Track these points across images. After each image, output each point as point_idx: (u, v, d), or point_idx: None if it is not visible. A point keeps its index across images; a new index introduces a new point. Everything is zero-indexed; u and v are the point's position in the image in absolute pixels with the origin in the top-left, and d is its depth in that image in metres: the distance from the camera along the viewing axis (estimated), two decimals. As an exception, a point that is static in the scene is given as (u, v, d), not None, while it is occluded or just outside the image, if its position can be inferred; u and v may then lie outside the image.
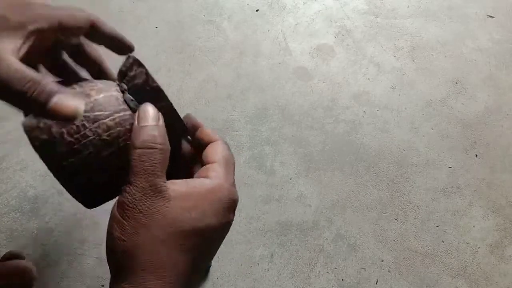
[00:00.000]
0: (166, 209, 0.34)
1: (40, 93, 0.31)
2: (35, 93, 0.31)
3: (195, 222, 0.35)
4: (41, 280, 1.17)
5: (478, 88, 1.60)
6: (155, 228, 0.33)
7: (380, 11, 1.81)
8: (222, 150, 0.41)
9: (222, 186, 0.37)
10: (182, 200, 0.35)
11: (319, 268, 1.22)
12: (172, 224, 0.34)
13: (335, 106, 1.53)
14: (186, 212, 0.35)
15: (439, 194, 1.36)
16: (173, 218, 0.34)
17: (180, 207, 0.34)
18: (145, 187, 0.34)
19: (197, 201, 0.35)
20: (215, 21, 1.74)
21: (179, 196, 0.35)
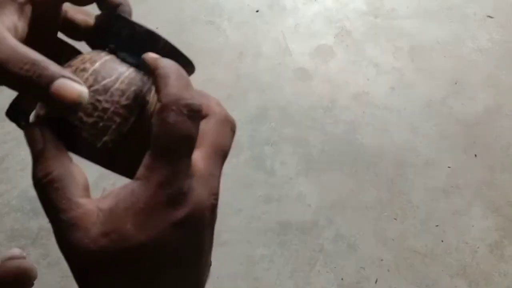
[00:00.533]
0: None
1: (41, 75, 0.27)
2: (35, 75, 0.27)
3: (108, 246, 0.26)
4: (41, 280, 1.17)
5: (478, 88, 1.60)
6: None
7: (379, 12, 1.81)
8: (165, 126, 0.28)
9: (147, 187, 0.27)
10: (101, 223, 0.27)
11: (319, 267, 1.22)
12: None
13: (334, 107, 1.53)
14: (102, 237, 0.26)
15: (438, 194, 1.36)
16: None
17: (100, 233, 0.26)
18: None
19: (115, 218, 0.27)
20: (215, 22, 1.75)
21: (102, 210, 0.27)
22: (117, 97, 0.31)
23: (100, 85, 0.30)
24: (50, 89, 0.27)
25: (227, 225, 1.26)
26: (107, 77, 0.31)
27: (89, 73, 0.31)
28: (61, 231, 0.27)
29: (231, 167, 1.38)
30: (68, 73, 0.28)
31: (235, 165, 1.39)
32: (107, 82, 0.31)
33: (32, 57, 0.27)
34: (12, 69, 0.27)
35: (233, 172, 1.37)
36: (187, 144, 0.27)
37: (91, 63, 0.31)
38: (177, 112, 0.27)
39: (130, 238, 0.26)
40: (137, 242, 0.26)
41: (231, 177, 1.36)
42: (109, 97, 0.30)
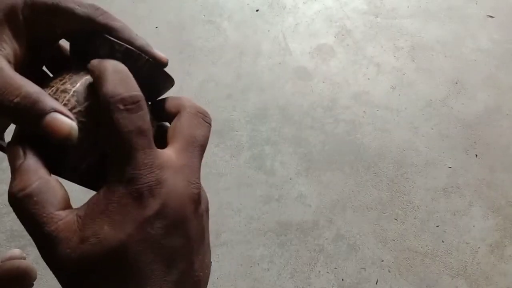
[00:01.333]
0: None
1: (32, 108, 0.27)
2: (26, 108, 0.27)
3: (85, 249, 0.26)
4: (41, 280, 1.17)
5: (478, 88, 1.60)
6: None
7: (380, 11, 1.81)
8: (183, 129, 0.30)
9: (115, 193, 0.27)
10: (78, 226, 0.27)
11: (319, 268, 1.22)
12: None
13: (335, 106, 1.53)
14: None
15: (439, 194, 1.36)
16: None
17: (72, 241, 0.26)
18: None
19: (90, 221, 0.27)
20: (215, 21, 1.74)
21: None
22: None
23: (82, 107, 0.30)
24: (41, 123, 0.27)
25: (227, 225, 1.26)
26: (88, 99, 0.30)
27: (70, 94, 0.30)
28: (44, 245, 0.27)
29: (231, 167, 1.38)
30: (59, 107, 0.27)
31: (235, 165, 1.38)
32: (89, 104, 0.30)
33: (25, 90, 0.27)
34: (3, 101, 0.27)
35: (233, 172, 1.37)
36: (137, 137, 0.27)
37: (71, 83, 0.31)
38: (115, 110, 0.27)
39: (110, 239, 0.26)
40: (117, 242, 0.26)
41: (231, 177, 1.36)
42: (93, 119, 0.30)
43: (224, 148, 1.40)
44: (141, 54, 0.32)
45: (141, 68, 0.32)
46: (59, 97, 0.30)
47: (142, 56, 0.32)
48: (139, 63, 0.32)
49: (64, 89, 0.30)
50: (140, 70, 0.32)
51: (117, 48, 0.32)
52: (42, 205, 0.27)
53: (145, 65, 0.32)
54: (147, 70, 0.32)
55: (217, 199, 1.30)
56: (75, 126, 0.27)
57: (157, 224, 0.27)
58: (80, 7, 0.31)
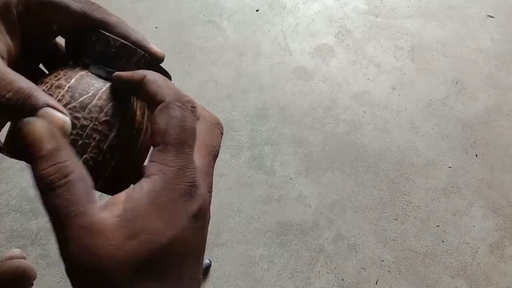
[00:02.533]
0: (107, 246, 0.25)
1: (24, 103, 0.26)
2: (19, 103, 0.26)
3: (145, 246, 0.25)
4: (41, 280, 1.17)
5: (478, 88, 1.60)
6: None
7: (380, 11, 1.81)
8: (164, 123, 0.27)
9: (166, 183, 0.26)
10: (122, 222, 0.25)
11: (319, 268, 1.22)
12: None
13: (335, 106, 1.53)
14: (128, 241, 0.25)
15: (439, 194, 1.36)
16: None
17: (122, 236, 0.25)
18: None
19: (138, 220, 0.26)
20: (215, 21, 1.74)
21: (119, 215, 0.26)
22: (95, 114, 0.30)
23: (77, 102, 0.29)
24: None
25: (227, 225, 1.26)
26: (84, 94, 0.30)
27: (65, 90, 0.30)
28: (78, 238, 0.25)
29: (231, 167, 1.38)
30: (52, 101, 0.27)
31: (235, 165, 1.38)
32: (84, 99, 0.30)
33: (17, 85, 0.27)
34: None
35: (233, 172, 1.37)
36: (193, 136, 0.28)
37: (66, 79, 0.30)
38: (182, 108, 0.28)
39: (161, 235, 0.26)
40: (166, 238, 0.26)
41: (231, 177, 1.36)
42: (87, 114, 0.29)
43: (224, 148, 1.40)
44: (137, 49, 0.32)
45: (137, 63, 0.32)
46: (53, 92, 0.30)
47: (137, 51, 0.32)
48: (134, 58, 0.32)
49: (58, 84, 0.30)
50: (135, 65, 0.32)
51: (112, 43, 0.31)
52: (80, 195, 0.25)
53: (140, 60, 0.32)
54: (142, 65, 0.32)
55: (217, 199, 1.30)
56: (68, 121, 0.27)
57: (195, 224, 0.28)
58: (75, 2, 0.31)
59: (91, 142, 0.29)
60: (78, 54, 0.33)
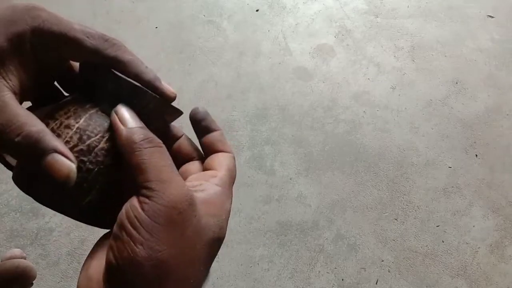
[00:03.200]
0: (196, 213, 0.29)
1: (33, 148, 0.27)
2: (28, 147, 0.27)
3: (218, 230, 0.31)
4: (41, 280, 1.17)
5: (478, 88, 1.60)
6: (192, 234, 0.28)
7: (380, 11, 1.81)
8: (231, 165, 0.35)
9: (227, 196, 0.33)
10: (206, 205, 0.30)
11: (319, 268, 1.22)
12: (205, 230, 0.30)
13: (335, 106, 1.53)
14: (212, 218, 0.30)
15: (439, 194, 1.36)
16: (204, 224, 0.30)
17: (206, 213, 0.30)
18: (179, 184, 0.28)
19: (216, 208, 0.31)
20: (215, 21, 1.74)
21: (202, 201, 0.30)
22: (101, 157, 0.30)
23: (84, 145, 0.30)
24: (42, 162, 0.27)
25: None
26: (92, 136, 0.30)
27: (73, 130, 0.30)
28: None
29: (231, 167, 1.38)
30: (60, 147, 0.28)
31: (235, 165, 1.38)
32: (92, 142, 0.30)
33: (27, 129, 0.27)
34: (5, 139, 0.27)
35: (233, 172, 1.37)
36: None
37: (75, 118, 0.31)
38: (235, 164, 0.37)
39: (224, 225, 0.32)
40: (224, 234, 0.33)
41: (231, 177, 1.36)
42: (93, 158, 0.30)
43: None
44: (147, 92, 0.32)
45: (148, 104, 0.32)
46: (62, 133, 0.30)
47: (148, 94, 0.32)
48: (145, 100, 0.32)
49: (67, 124, 0.30)
50: (147, 106, 0.32)
51: (123, 85, 0.31)
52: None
53: (151, 102, 0.32)
54: (154, 105, 0.33)
55: (217, 199, 1.30)
56: (73, 169, 0.28)
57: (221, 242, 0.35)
58: (89, 38, 0.31)
59: (95, 185, 0.30)
60: (90, 88, 0.33)
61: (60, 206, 0.31)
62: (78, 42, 0.30)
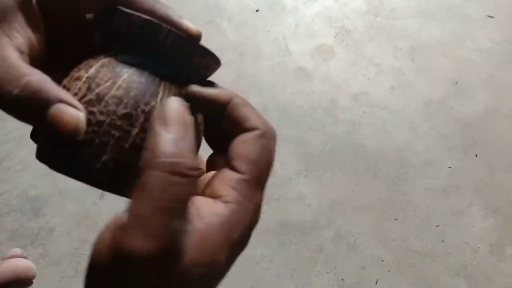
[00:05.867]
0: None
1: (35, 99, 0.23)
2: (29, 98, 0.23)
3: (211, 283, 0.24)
4: (41, 280, 1.17)
5: (478, 88, 1.60)
6: None
7: (379, 12, 1.81)
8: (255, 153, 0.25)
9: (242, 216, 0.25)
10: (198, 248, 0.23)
11: (319, 267, 1.22)
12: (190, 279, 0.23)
13: (334, 107, 1.53)
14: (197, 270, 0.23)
15: (438, 194, 1.36)
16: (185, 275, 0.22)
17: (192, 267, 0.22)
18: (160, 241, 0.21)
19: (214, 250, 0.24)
20: (215, 22, 1.75)
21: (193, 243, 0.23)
22: (113, 106, 0.26)
23: (93, 94, 0.26)
24: (45, 116, 0.23)
25: (227, 225, 1.26)
26: (101, 84, 0.26)
27: (82, 81, 0.26)
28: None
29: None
30: (65, 95, 0.24)
31: (235, 165, 1.39)
32: (101, 90, 0.26)
33: (26, 79, 0.23)
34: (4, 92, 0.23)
35: (233, 172, 1.37)
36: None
37: (86, 69, 0.27)
38: (273, 143, 0.26)
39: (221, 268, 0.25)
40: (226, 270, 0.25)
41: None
42: (103, 107, 0.25)
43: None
44: (162, 25, 0.27)
45: (164, 41, 0.27)
46: (71, 86, 0.26)
47: (162, 27, 0.27)
48: (161, 35, 0.27)
49: (78, 76, 0.27)
50: (163, 44, 0.27)
51: (134, 21, 0.27)
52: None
53: (168, 38, 0.27)
54: (172, 44, 0.27)
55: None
56: (82, 118, 0.24)
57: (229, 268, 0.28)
58: None
59: (109, 140, 0.26)
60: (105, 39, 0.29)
61: (76, 171, 0.26)
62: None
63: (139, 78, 0.27)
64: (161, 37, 0.27)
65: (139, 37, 0.27)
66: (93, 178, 0.26)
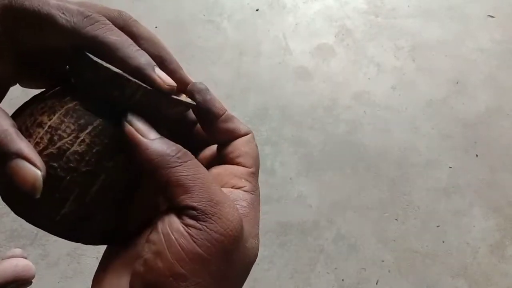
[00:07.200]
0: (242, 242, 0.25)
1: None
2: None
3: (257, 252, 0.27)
4: (41, 280, 1.16)
5: (479, 88, 1.60)
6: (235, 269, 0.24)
7: (380, 11, 1.81)
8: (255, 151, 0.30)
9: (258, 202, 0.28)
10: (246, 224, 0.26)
11: (320, 268, 1.22)
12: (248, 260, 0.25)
13: (335, 106, 1.53)
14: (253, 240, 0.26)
15: (439, 194, 1.36)
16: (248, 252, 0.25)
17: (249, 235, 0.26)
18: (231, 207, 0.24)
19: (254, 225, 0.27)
20: (215, 21, 1.74)
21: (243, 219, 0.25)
22: (74, 163, 0.25)
23: (54, 148, 0.25)
24: (6, 169, 0.23)
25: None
26: (64, 136, 0.25)
27: (45, 129, 0.25)
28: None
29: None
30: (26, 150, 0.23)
31: (235, 165, 1.38)
32: (63, 144, 0.25)
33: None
34: None
35: (233, 172, 1.37)
36: None
37: (48, 115, 0.26)
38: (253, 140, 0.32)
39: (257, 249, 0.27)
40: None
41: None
42: (64, 164, 0.25)
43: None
44: (131, 80, 0.25)
45: (132, 97, 0.26)
46: (34, 132, 0.25)
47: (131, 83, 0.25)
48: (127, 91, 0.25)
49: (40, 121, 0.26)
50: (131, 99, 0.26)
51: (102, 73, 0.25)
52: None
53: (135, 94, 0.26)
54: (140, 98, 0.26)
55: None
56: (39, 178, 0.23)
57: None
58: (64, 14, 0.25)
59: (69, 196, 0.25)
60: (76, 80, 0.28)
61: (36, 221, 0.27)
62: (52, 19, 0.25)
63: (103, 132, 0.26)
64: (128, 92, 0.25)
65: (105, 88, 0.26)
66: (52, 229, 0.27)
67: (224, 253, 0.23)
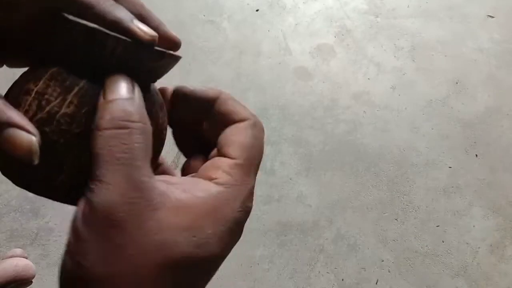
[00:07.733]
0: (152, 224, 0.22)
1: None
2: None
3: (193, 249, 0.23)
4: (41, 280, 1.16)
5: (479, 88, 1.60)
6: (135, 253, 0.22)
7: (380, 11, 1.81)
8: (247, 139, 0.27)
9: (234, 198, 0.25)
10: (177, 213, 0.23)
11: (319, 268, 1.22)
12: (161, 250, 0.22)
13: (335, 106, 1.53)
14: (182, 233, 0.23)
15: (439, 194, 1.36)
16: (162, 240, 0.22)
17: (173, 225, 0.23)
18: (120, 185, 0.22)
19: (197, 218, 0.23)
20: (215, 21, 1.74)
21: (172, 207, 0.23)
22: (65, 126, 0.25)
23: (44, 113, 0.25)
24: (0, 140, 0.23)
25: (227, 225, 1.26)
26: (52, 100, 0.25)
27: (32, 96, 0.25)
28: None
29: (231, 167, 1.38)
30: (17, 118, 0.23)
31: (235, 165, 1.38)
32: (51, 108, 0.25)
33: None
34: None
35: (233, 172, 1.37)
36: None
37: (34, 82, 0.25)
38: (262, 133, 0.27)
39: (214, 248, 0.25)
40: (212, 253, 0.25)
41: (231, 177, 1.36)
42: (55, 127, 0.25)
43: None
44: (109, 34, 0.24)
45: (113, 52, 0.25)
46: (22, 100, 0.25)
47: (109, 37, 0.24)
48: (108, 47, 0.25)
49: (27, 89, 0.25)
50: (112, 54, 0.25)
51: (78, 29, 0.24)
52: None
53: (116, 48, 0.25)
54: (122, 53, 0.25)
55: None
56: (35, 143, 0.23)
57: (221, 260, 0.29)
58: None
59: (65, 160, 0.25)
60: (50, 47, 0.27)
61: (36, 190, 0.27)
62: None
63: (90, 92, 0.25)
64: (108, 48, 0.25)
65: (85, 47, 0.25)
66: (53, 194, 0.27)
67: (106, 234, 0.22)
